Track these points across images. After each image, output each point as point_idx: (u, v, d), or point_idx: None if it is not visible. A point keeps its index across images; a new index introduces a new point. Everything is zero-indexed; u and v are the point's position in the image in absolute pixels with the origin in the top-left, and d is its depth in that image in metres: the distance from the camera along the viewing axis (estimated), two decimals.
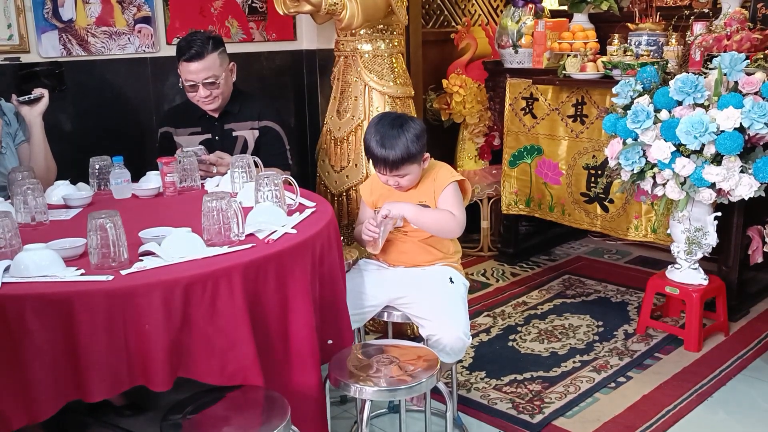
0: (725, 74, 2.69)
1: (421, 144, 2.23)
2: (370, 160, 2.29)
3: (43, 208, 2.12)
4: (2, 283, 1.61)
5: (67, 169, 2.63)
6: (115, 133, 3.12)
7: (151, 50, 3.22)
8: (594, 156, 3.53)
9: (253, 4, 3.54)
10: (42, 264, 1.66)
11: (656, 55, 3.32)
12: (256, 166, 2.48)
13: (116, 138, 3.10)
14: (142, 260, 1.74)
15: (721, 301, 3.11)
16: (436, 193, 2.32)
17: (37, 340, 1.57)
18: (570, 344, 3.10)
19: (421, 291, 2.27)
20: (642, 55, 3.25)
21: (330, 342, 2.08)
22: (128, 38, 3.14)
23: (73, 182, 2.48)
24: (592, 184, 3.55)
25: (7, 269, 1.66)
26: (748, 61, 2.71)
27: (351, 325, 2.17)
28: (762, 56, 2.82)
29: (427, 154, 2.31)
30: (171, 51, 2.89)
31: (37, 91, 2.54)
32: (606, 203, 3.52)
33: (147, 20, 3.19)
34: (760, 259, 3.09)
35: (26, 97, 2.51)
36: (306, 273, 1.90)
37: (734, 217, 3.14)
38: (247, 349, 1.74)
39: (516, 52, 3.93)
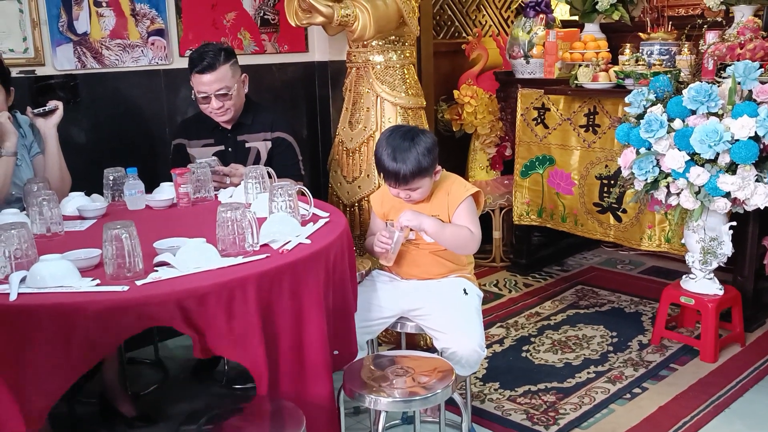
0: (739, 83, 2.68)
1: (432, 157, 2.21)
2: (382, 174, 2.29)
3: (58, 219, 2.13)
4: (18, 293, 1.61)
5: (81, 180, 2.64)
6: (129, 144, 3.14)
7: (164, 62, 3.24)
8: (606, 166, 3.51)
9: (266, 16, 3.56)
10: (58, 274, 1.66)
11: (669, 64, 3.31)
12: (270, 177, 2.49)
13: (130, 149, 3.12)
14: (157, 270, 1.75)
15: (736, 312, 3.08)
16: (451, 209, 2.30)
17: (53, 349, 1.58)
18: (584, 355, 3.07)
19: (436, 303, 2.25)
20: (654, 65, 3.24)
21: (336, 352, 2.07)
22: (142, 50, 3.16)
23: (88, 193, 2.50)
24: (604, 194, 3.54)
25: (23, 280, 1.66)
26: (762, 69, 2.70)
27: (357, 336, 2.17)
28: None
29: (439, 167, 2.30)
30: (184, 63, 2.90)
31: (52, 104, 2.55)
32: (619, 213, 3.51)
33: (160, 33, 3.21)
34: None
35: (41, 109, 2.53)
36: (320, 283, 1.90)
37: (749, 227, 3.12)
38: (257, 358, 1.74)
39: (527, 62, 3.93)
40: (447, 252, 2.33)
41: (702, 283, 3.01)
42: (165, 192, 2.54)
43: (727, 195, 2.67)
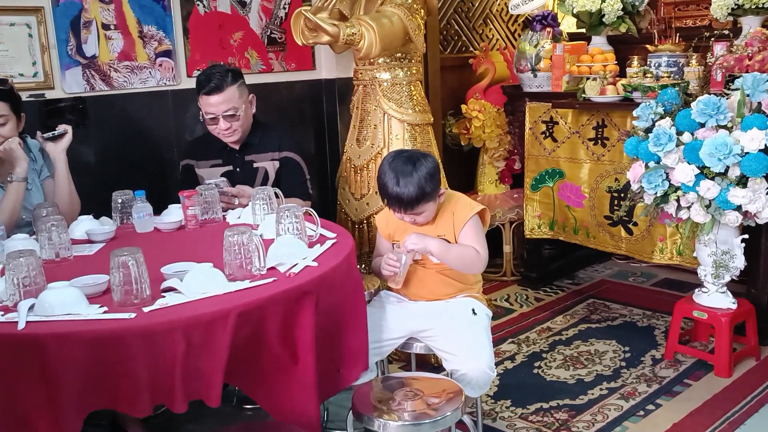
0: (748, 95, 2.66)
1: (435, 182, 2.20)
2: (385, 201, 2.28)
3: (67, 244, 2.14)
4: (27, 321, 1.62)
5: (90, 202, 2.65)
6: (137, 165, 3.15)
7: (172, 83, 3.26)
8: (616, 179, 3.49)
9: (272, 35, 3.58)
10: (66, 302, 1.67)
11: (676, 76, 3.29)
12: (277, 197, 2.49)
13: (138, 171, 3.13)
14: (164, 296, 1.75)
15: (751, 325, 3.04)
16: (456, 229, 2.29)
17: (61, 378, 1.58)
18: (596, 371, 3.05)
19: (444, 324, 2.24)
20: (662, 77, 3.22)
21: (339, 371, 2.06)
22: (149, 72, 3.18)
23: (97, 216, 2.51)
24: (615, 207, 3.52)
25: (31, 308, 1.67)
26: None
27: (366, 354, 2.15)
28: None
29: (443, 189, 2.29)
30: (191, 83, 2.92)
31: (61, 128, 2.58)
32: (630, 226, 3.48)
33: (168, 54, 3.23)
34: None
35: (50, 133, 2.56)
36: (322, 304, 1.89)
37: (762, 239, 3.08)
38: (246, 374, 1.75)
39: (535, 76, 3.92)
40: (454, 271, 2.32)
41: (715, 297, 2.98)
42: (173, 214, 2.55)
43: (738, 208, 2.65)
